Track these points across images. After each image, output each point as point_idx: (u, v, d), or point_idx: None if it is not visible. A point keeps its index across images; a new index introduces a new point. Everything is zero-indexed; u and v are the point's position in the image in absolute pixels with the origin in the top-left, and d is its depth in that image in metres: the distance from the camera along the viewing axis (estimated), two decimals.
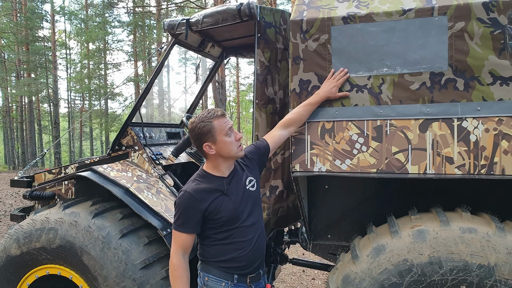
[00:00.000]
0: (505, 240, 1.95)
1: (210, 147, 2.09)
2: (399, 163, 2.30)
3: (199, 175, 2.17)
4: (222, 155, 2.11)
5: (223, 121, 2.08)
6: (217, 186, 2.12)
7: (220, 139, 2.07)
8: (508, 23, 2.12)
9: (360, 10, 2.38)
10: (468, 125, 2.19)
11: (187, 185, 2.13)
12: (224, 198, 2.11)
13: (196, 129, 2.07)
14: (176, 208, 2.09)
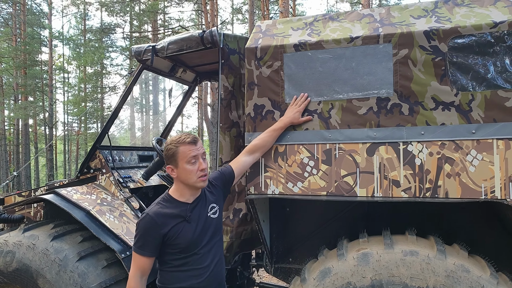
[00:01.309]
0: (444, 263, 1.97)
1: (172, 170, 2.11)
2: (348, 186, 2.33)
3: (164, 199, 2.15)
4: (182, 181, 2.12)
5: (189, 148, 2.06)
6: (180, 212, 2.10)
7: (181, 165, 2.07)
8: (448, 51, 2.19)
9: (311, 38, 2.46)
10: (413, 149, 2.24)
11: (150, 208, 2.11)
12: (184, 225, 2.09)
13: (165, 150, 2.12)
14: (137, 229, 2.08)
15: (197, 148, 2.08)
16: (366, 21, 2.47)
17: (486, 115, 2.12)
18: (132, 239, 2.88)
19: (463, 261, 1.99)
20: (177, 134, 2.05)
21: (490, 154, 2.11)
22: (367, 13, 2.54)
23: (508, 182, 2.07)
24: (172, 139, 2.10)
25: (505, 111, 2.09)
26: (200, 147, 2.10)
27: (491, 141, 2.11)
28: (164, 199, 2.16)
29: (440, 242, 2.14)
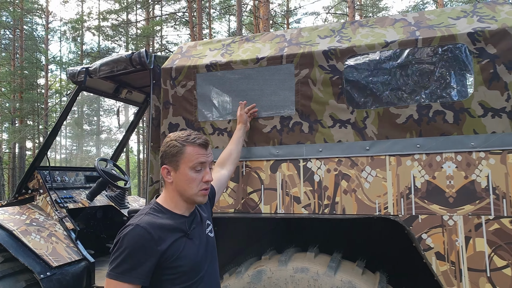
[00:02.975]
0: (332, 280, 1.97)
1: (168, 172, 1.61)
2: (253, 203, 2.36)
3: (154, 209, 1.59)
4: (178, 189, 1.60)
5: (198, 152, 1.60)
6: (179, 224, 1.58)
7: (183, 170, 1.58)
8: (345, 69, 2.25)
9: (222, 59, 2.53)
10: (312, 166, 2.27)
11: (139, 218, 1.52)
12: (186, 242, 1.57)
13: (166, 145, 1.63)
14: (119, 247, 1.45)
15: (207, 154, 1.63)
16: (276, 41, 2.55)
17: (379, 132, 2.17)
18: (57, 259, 2.89)
19: (352, 278, 2.00)
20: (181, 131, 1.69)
21: (383, 170, 2.14)
22: (280, 34, 2.62)
23: (400, 198, 2.10)
24: (178, 134, 1.64)
25: (397, 128, 2.14)
26: (210, 153, 1.66)
27: (384, 158, 2.15)
28: (154, 209, 1.61)
29: (336, 259, 2.15)
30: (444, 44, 2.11)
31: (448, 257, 2.00)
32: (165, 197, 1.66)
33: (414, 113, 2.12)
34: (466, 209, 1.99)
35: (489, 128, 2.00)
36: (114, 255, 1.45)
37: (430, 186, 2.06)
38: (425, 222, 2.04)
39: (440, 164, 2.06)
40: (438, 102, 2.09)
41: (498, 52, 2.01)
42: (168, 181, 1.62)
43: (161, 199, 1.66)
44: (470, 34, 2.06)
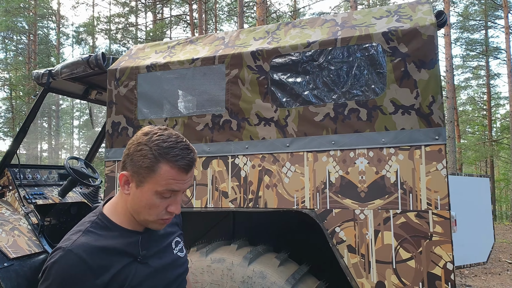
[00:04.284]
0: (245, 270, 2.06)
1: (126, 181, 1.19)
2: (186, 198, 2.46)
3: (96, 224, 1.20)
4: (132, 207, 1.21)
5: (175, 177, 1.15)
6: (126, 245, 1.20)
7: (147, 190, 1.16)
8: (270, 70, 2.34)
9: (162, 60, 2.65)
10: (239, 162, 2.36)
11: (70, 239, 1.14)
12: (137, 268, 1.20)
13: (136, 148, 1.16)
14: (44, 280, 1.08)
15: (186, 180, 1.19)
16: (215, 44, 2.65)
17: (299, 129, 2.25)
18: (15, 251, 3.04)
19: (265, 268, 2.08)
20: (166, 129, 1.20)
21: (301, 166, 2.22)
22: (221, 36, 2.72)
23: (316, 193, 2.17)
24: (158, 138, 1.15)
25: (314, 125, 2.21)
26: (190, 178, 1.21)
27: (302, 154, 2.23)
28: (97, 224, 1.20)
29: (256, 251, 2.23)
30: (361, 44, 2.18)
31: (359, 250, 2.07)
32: (115, 207, 1.25)
33: (330, 111, 2.19)
34: (376, 204, 2.06)
35: (399, 125, 2.06)
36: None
37: (344, 181, 2.13)
38: (338, 216, 2.12)
39: (353, 160, 2.13)
40: (354, 101, 2.16)
41: (409, 51, 2.08)
42: (124, 191, 1.20)
43: (109, 209, 1.25)
44: (384, 33, 2.13)
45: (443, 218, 1.94)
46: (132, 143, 1.18)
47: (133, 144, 1.17)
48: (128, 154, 1.18)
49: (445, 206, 1.94)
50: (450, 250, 1.92)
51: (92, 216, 1.23)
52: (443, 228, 1.94)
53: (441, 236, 1.94)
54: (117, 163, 2.66)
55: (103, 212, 1.24)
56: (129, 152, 1.18)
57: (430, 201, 1.97)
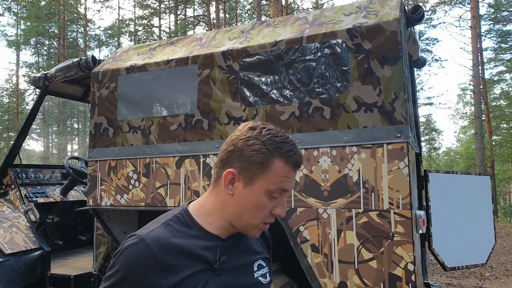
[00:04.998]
0: None
1: (232, 180, 1.04)
2: (160, 197, 2.50)
3: (177, 219, 1.07)
4: (233, 209, 1.06)
5: (288, 174, 1.03)
6: (203, 248, 1.04)
7: (258, 189, 1.03)
8: (240, 69, 2.35)
9: (141, 61, 2.70)
10: (210, 161, 2.38)
11: (147, 227, 1.05)
12: (209, 278, 1.03)
13: (245, 143, 1.03)
14: (112, 266, 1.00)
15: (293, 180, 1.06)
16: (192, 45, 2.68)
17: None
18: (11, 247, 3.17)
19: None
20: (269, 124, 1.07)
21: None
22: (199, 37, 2.75)
23: None
24: (269, 132, 1.04)
25: (281, 124, 2.21)
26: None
27: None
28: (178, 219, 1.08)
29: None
30: (326, 41, 2.16)
31: (322, 249, 2.05)
32: (203, 205, 1.10)
33: (296, 110, 2.18)
34: (339, 203, 2.04)
35: (362, 123, 2.03)
36: (106, 274, 1.00)
37: (308, 180, 2.12)
38: (302, 214, 2.11)
39: (317, 158, 2.11)
40: (318, 99, 2.14)
41: (372, 47, 2.04)
42: (227, 191, 1.04)
43: (194, 208, 1.10)
44: (349, 30, 2.10)
45: (404, 217, 1.90)
46: (238, 138, 1.03)
47: (241, 139, 1.03)
48: (234, 150, 1.03)
49: (406, 206, 1.90)
50: (411, 250, 1.88)
51: (176, 210, 1.11)
52: (404, 228, 1.90)
53: (403, 236, 1.90)
54: (99, 163, 2.73)
55: (187, 209, 1.10)
56: (235, 148, 1.03)
57: (392, 200, 1.93)
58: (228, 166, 1.03)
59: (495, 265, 8.67)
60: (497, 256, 9.30)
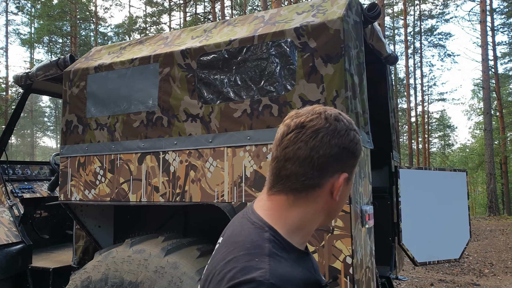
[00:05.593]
0: (160, 260, 2.16)
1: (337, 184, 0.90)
2: (124, 192, 2.59)
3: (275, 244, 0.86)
4: (330, 209, 0.95)
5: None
6: (311, 272, 0.91)
7: (351, 182, 0.97)
8: (197, 68, 2.42)
9: (109, 60, 2.78)
10: (169, 158, 2.46)
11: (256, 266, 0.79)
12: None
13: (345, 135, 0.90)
14: None
15: None
16: (158, 44, 2.75)
17: (220, 125, 2.31)
18: None
19: (180, 259, 2.17)
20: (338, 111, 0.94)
21: (222, 161, 2.29)
22: (165, 36, 2.82)
23: (234, 187, 2.23)
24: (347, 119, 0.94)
25: (234, 122, 2.27)
26: None
27: (223, 149, 2.29)
28: (275, 243, 0.86)
29: (179, 243, 2.32)
30: (276, 40, 2.21)
31: None
32: (288, 222, 0.91)
33: (247, 108, 2.24)
34: None
35: None
36: None
37: (257, 175, 2.18)
38: None
39: (265, 154, 2.17)
40: (267, 97, 2.19)
41: (317, 46, 2.09)
42: (335, 198, 0.91)
43: (279, 224, 0.90)
44: (296, 29, 2.15)
45: (344, 212, 1.95)
46: (334, 135, 0.89)
47: (342, 135, 0.89)
48: (338, 151, 0.89)
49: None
50: (350, 244, 1.93)
51: (260, 230, 0.88)
52: (344, 222, 1.95)
53: (342, 230, 1.95)
54: (70, 159, 2.83)
55: (271, 225, 0.89)
56: (342, 146, 0.89)
57: None
58: (332, 171, 0.89)
59: (495, 262, 8.60)
60: (499, 253, 9.21)
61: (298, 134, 0.88)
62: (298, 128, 0.89)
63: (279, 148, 0.91)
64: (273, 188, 0.93)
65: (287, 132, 0.91)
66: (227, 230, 0.98)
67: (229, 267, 0.80)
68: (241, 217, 0.98)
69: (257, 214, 0.92)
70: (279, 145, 0.92)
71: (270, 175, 0.95)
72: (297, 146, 0.88)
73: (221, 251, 0.88)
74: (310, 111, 0.92)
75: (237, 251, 0.83)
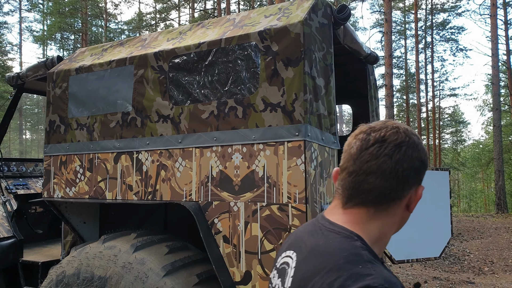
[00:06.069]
0: (128, 256, 2.25)
1: (415, 197, 0.97)
2: (101, 190, 2.68)
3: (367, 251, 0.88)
4: (402, 222, 1.02)
5: None
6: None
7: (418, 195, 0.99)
8: (169, 69, 2.49)
9: (89, 62, 2.87)
10: (142, 157, 2.54)
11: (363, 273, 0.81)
12: None
13: (419, 149, 0.95)
14: None
15: None
16: (136, 46, 2.83)
17: (189, 126, 2.38)
18: None
19: (147, 256, 2.25)
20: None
21: (190, 161, 2.36)
22: (144, 38, 2.90)
23: (201, 186, 2.31)
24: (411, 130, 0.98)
25: (202, 123, 2.34)
26: None
27: (191, 149, 2.36)
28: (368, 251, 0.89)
29: (150, 240, 2.40)
30: (241, 43, 2.27)
31: (232, 240, 2.18)
32: (370, 235, 0.94)
33: (214, 109, 2.31)
34: (247, 196, 2.16)
35: (267, 122, 2.14)
36: None
37: (223, 175, 2.25)
38: (217, 207, 2.24)
39: (230, 155, 2.23)
40: (233, 99, 2.26)
41: (279, 49, 2.14)
42: (412, 209, 0.98)
43: (363, 235, 0.93)
44: (260, 32, 2.21)
45: (300, 211, 2.01)
46: (417, 148, 0.93)
47: (420, 149, 0.94)
48: (419, 164, 0.93)
49: (302, 200, 2.01)
50: None
51: (350, 239, 0.90)
52: (300, 221, 2.01)
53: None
54: (53, 158, 2.93)
55: (358, 234, 0.92)
56: (419, 161, 0.93)
57: (290, 195, 2.04)
58: (411, 184, 0.93)
59: (496, 260, 8.56)
60: (500, 251, 9.16)
61: (380, 148, 0.91)
62: (379, 142, 0.91)
63: (357, 162, 0.93)
64: (350, 201, 0.95)
65: (366, 146, 0.92)
66: (305, 242, 0.98)
67: (332, 277, 0.81)
68: (314, 230, 0.99)
69: (339, 225, 0.94)
70: (357, 159, 0.93)
71: (345, 189, 0.96)
72: (382, 160, 0.90)
73: (311, 263, 0.89)
74: (384, 125, 0.95)
75: (334, 261, 0.84)
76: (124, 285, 2.15)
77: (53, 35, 31.25)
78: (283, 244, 1.12)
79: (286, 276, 0.96)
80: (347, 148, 0.97)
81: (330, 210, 1.02)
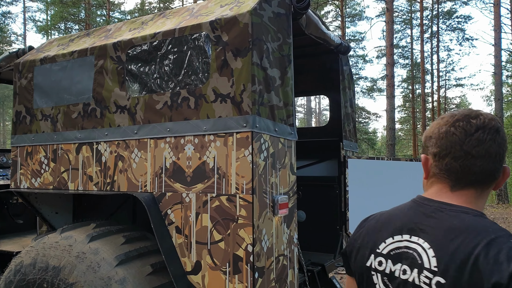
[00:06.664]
0: (83, 246, 2.26)
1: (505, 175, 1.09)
2: (64, 181, 2.69)
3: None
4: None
5: None
6: None
7: None
8: (126, 60, 2.48)
9: (53, 53, 2.87)
10: (101, 148, 2.54)
11: None
12: None
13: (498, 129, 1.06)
14: None
15: None
16: (100, 36, 2.82)
17: (144, 117, 2.38)
18: None
19: (102, 246, 2.26)
20: None
21: (145, 152, 2.36)
22: (109, 28, 2.89)
23: (155, 177, 2.31)
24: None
25: (156, 113, 2.33)
26: None
27: (146, 140, 2.36)
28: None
29: (107, 230, 2.42)
30: (193, 33, 2.25)
31: (184, 231, 2.19)
32: (481, 209, 1.07)
33: (168, 100, 2.30)
34: (198, 187, 2.16)
35: (217, 113, 2.13)
36: None
37: (176, 166, 2.24)
38: (170, 199, 2.24)
39: (183, 146, 2.23)
40: (186, 89, 2.24)
41: (228, 40, 2.12)
42: (501, 186, 1.11)
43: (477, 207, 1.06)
44: (211, 22, 2.18)
45: (247, 202, 2.00)
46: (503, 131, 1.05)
47: (504, 132, 1.05)
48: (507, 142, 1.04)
49: (249, 191, 2.00)
50: (251, 233, 1.98)
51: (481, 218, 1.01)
52: (246, 211, 2.00)
53: (245, 219, 2.01)
54: (19, 149, 2.95)
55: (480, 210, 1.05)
56: (507, 140, 1.04)
57: (238, 185, 2.04)
58: (504, 162, 1.06)
59: None
60: None
61: (483, 134, 1.01)
62: (482, 128, 1.02)
63: (464, 147, 1.02)
64: (459, 184, 1.05)
65: (470, 132, 1.02)
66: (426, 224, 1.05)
67: (495, 249, 0.90)
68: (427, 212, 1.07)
69: (459, 206, 1.03)
70: (463, 145, 1.02)
71: (451, 173, 1.05)
72: (488, 144, 1.01)
73: (459, 239, 0.96)
74: (475, 112, 1.06)
75: (486, 235, 0.94)
76: (77, 275, 2.17)
77: (57, 25, 31.23)
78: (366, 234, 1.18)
79: (420, 259, 1.01)
80: (444, 136, 1.06)
81: (436, 192, 1.09)
